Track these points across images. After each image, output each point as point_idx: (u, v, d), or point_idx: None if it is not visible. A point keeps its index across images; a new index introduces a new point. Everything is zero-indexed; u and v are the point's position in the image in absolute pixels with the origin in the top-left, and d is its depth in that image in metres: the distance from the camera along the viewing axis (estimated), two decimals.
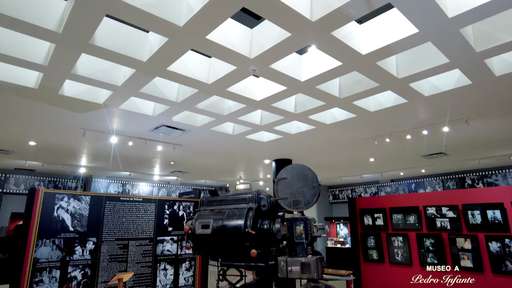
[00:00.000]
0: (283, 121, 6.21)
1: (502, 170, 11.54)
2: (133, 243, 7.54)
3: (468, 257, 6.18)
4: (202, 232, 2.39)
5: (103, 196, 7.45)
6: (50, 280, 6.38)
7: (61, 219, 6.73)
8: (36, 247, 6.33)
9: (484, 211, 6.12)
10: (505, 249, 5.81)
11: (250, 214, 2.30)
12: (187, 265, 8.34)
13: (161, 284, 7.79)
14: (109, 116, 5.95)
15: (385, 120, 6.14)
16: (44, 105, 5.36)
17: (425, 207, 6.85)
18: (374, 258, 7.48)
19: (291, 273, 2.05)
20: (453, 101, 5.19)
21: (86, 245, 6.92)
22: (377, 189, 14.96)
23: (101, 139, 7.28)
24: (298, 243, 2.13)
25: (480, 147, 8.49)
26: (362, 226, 7.80)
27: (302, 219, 2.17)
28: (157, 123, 6.30)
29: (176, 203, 8.54)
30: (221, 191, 2.69)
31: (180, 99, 5.11)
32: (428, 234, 6.74)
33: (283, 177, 2.39)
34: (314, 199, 2.24)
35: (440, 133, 6.88)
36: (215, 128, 6.62)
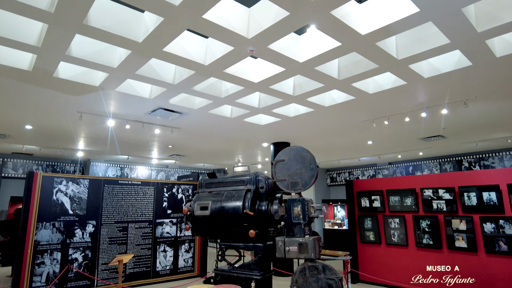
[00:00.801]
0: (281, 104, 6.17)
1: (499, 153, 11.60)
2: (132, 226, 7.62)
3: (462, 238, 6.29)
4: (201, 214, 2.40)
5: (102, 179, 7.47)
6: (52, 262, 6.48)
7: (60, 203, 6.77)
8: (36, 230, 6.39)
9: (480, 193, 6.19)
10: (499, 229, 5.90)
11: (248, 196, 2.31)
12: (187, 247, 8.47)
13: (161, 265, 7.92)
14: (106, 99, 5.89)
15: (384, 102, 6.10)
16: (39, 88, 5.29)
17: (422, 189, 6.92)
18: (371, 240, 7.60)
19: (289, 253, 2.07)
20: (453, 83, 5.15)
21: (86, 228, 6.99)
22: (375, 172, 15.06)
23: (98, 122, 7.23)
24: (295, 223, 2.14)
25: (478, 129, 8.50)
26: (360, 208, 7.89)
27: (299, 200, 2.18)
28: (154, 106, 6.25)
29: (175, 186, 8.58)
30: (219, 173, 2.69)
31: (177, 81, 5.05)
32: (425, 215, 6.84)
33: (281, 159, 2.39)
34: (312, 181, 2.24)
35: (439, 115, 6.86)
36: (212, 111, 6.58)
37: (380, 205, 7.52)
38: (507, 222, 5.82)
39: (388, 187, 7.47)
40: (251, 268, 2.19)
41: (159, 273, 7.83)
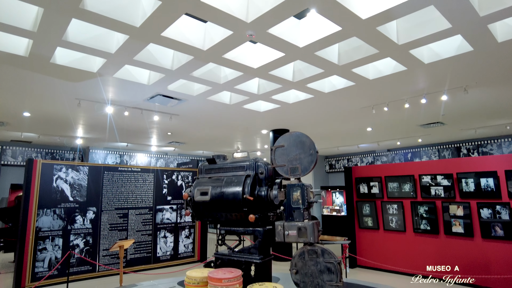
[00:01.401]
0: (281, 90, 6.13)
1: (497, 139, 11.63)
2: (132, 212, 7.69)
3: (459, 224, 6.37)
4: (201, 199, 2.41)
5: (101, 166, 7.49)
6: (54, 247, 6.55)
7: (60, 190, 6.80)
8: (37, 216, 6.45)
9: (478, 179, 6.23)
10: (495, 215, 5.97)
11: (248, 181, 2.32)
12: (187, 233, 8.56)
13: (162, 251, 8.03)
14: (104, 85, 5.84)
15: (384, 89, 6.07)
16: (37, 74, 5.24)
17: (421, 176, 6.96)
18: (369, 225, 7.69)
19: (288, 237, 2.09)
20: (453, 68, 5.11)
21: (86, 215, 7.05)
22: (374, 159, 15.11)
23: (96, 108, 7.19)
24: (295, 208, 2.15)
25: (477, 116, 8.49)
26: (358, 194, 7.96)
27: (299, 185, 2.18)
28: (152, 92, 6.21)
29: (175, 173, 8.61)
30: (219, 159, 2.69)
31: (175, 66, 5.00)
32: (423, 201, 6.90)
33: (280, 145, 2.38)
34: (311, 166, 2.24)
35: (438, 102, 6.84)
36: (211, 97, 6.54)
37: (379, 191, 7.58)
38: (503, 208, 5.88)
39: (386, 173, 7.51)
40: (250, 252, 2.22)
41: (160, 258, 7.94)
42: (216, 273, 2.02)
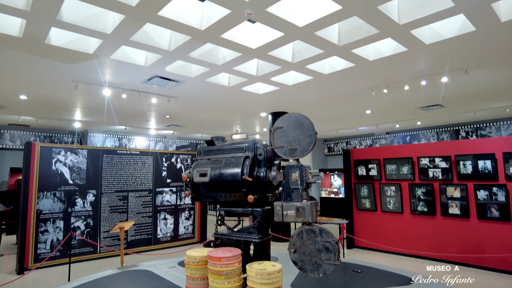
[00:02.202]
0: (280, 71, 6.06)
1: (496, 122, 11.62)
2: (132, 195, 7.74)
3: (456, 205, 6.44)
4: (200, 180, 2.42)
5: (100, 149, 7.48)
6: (55, 230, 6.63)
7: (59, 173, 6.82)
8: (38, 199, 6.49)
9: (476, 162, 6.26)
10: (492, 197, 6.04)
11: (247, 163, 2.31)
12: (187, 215, 8.66)
13: (162, 232, 8.14)
14: (101, 67, 5.76)
15: (384, 70, 6.01)
16: (32, 55, 5.15)
17: (419, 158, 6.99)
18: (367, 207, 7.78)
19: (286, 216, 2.11)
20: (454, 49, 5.04)
21: (86, 197, 7.10)
22: (372, 142, 15.14)
23: (94, 91, 7.11)
24: (293, 189, 2.16)
25: (477, 98, 8.45)
26: (356, 176, 8.01)
27: (297, 166, 2.18)
28: (150, 74, 6.13)
29: (174, 156, 8.63)
30: (218, 141, 2.68)
31: (173, 47, 4.92)
32: (420, 183, 6.96)
33: (279, 126, 2.37)
34: (310, 147, 2.24)
35: (438, 84, 6.79)
36: (209, 79, 6.47)
37: (377, 173, 7.63)
38: (500, 190, 5.94)
39: (385, 156, 7.53)
40: (249, 232, 2.24)
41: (160, 240, 8.06)
42: (216, 252, 2.05)
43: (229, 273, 1.95)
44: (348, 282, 3.09)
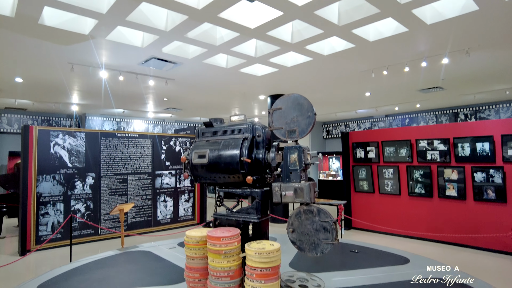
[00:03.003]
0: (279, 52, 5.97)
1: (495, 105, 11.59)
2: (132, 177, 7.77)
3: (453, 187, 6.50)
4: (199, 162, 2.41)
5: (98, 132, 7.46)
6: (55, 212, 6.68)
7: (58, 156, 6.81)
8: (37, 182, 6.51)
9: (474, 144, 6.28)
10: (489, 179, 6.09)
11: (245, 144, 2.31)
12: (186, 197, 8.73)
13: (162, 214, 8.22)
14: (97, 49, 5.66)
15: (384, 51, 5.93)
16: (26, 37, 5.04)
17: (417, 140, 7.00)
18: (365, 189, 7.85)
19: (285, 197, 2.12)
20: (456, 30, 4.96)
21: (85, 180, 7.12)
22: (371, 125, 15.13)
23: (91, 72, 7.01)
24: (292, 170, 2.16)
25: (477, 81, 8.39)
26: (354, 159, 8.04)
27: (296, 148, 2.18)
28: (147, 56, 6.04)
29: (172, 139, 8.62)
30: (216, 122, 2.66)
31: (169, 27, 4.82)
32: (418, 166, 6.99)
33: (278, 107, 2.35)
34: (309, 128, 2.23)
35: (439, 65, 6.72)
36: (207, 60, 6.38)
37: (375, 156, 7.66)
38: (497, 172, 5.98)
39: (384, 138, 7.54)
40: (248, 212, 2.26)
41: (160, 222, 8.15)
42: (215, 232, 2.07)
43: (228, 252, 1.97)
44: (345, 262, 3.15)
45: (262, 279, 1.87)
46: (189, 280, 2.15)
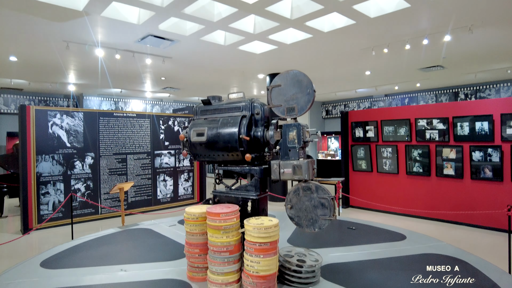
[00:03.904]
0: (278, 29, 5.84)
1: (496, 84, 11.49)
2: (131, 157, 7.79)
3: (451, 166, 6.54)
4: (198, 140, 2.41)
5: (96, 112, 7.40)
6: (56, 192, 6.73)
7: (57, 136, 6.79)
8: (36, 162, 6.51)
9: (473, 123, 6.26)
10: (486, 158, 6.11)
11: (244, 122, 2.29)
12: (186, 176, 8.78)
13: (162, 194, 8.30)
14: (92, 26, 5.53)
15: (385, 28, 5.81)
16: (18, 13, 4.91)
17: (417, 119, 6.98)
18: (363, 168, 7.90)
19: (283, 174, 2.13)
20: (460, 5, 4.84)
21: (85, 160, 7.13)
22: (371, 104, 15.06)
23: (87, 50, 6.88)
24: (290, 147, 2.16)
25: (479, 59, 8.28)
26: (353, 138, 8.04)
27: (295, 125, 2.17)
28: (143, 33, 5.91)
29: (171, 118, 8.58)
30: (214, 100, 2.64)
31: (166, 2, 4.69)
32: (417, 145, 7.00)
33: (277, 84, 2.32)
34: (308, 105, 2.21)
35: (440, 43, 6.61)
36: (205, 37, 6.25)
37: (374, 135, 7.65)
38: (495, 151, 6.00)
39: (383, 117, 7.51)
40: (247, 190, 2.28)
41: (160, 201, 8.24)
42: (214, 208, 2.09)
43: (228, 228, 2.00)
44: (343, 238, 3.21)
45: (261, 253, 1.90)
46: (189, 256, 2.18)
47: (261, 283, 1.90)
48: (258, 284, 1.90)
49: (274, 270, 1.96)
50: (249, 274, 1.93)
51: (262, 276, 1.90)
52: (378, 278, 2.20)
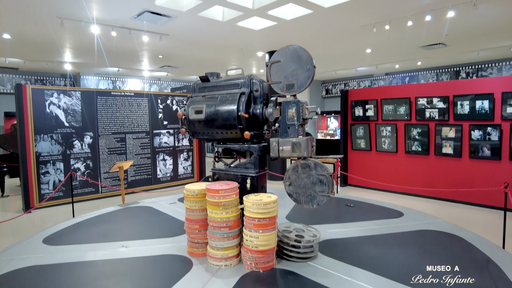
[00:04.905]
0: (278, 4, 5.69)
1: (498, 63, 11.35)
2: (130, 137, 7.77)
3: (450, 145, 6.55)
4: (196, 118, 2.39)
5: (94, 91, 7.33)
6: (56, 171, 6.76)
7: (54, 115, 6.74)
8: (35, 142, 6.50)
9: (474, 102, 6.22)
10: (485, 136, 6.11)
11: (242, 99, 2.27)
12: (185, 156, 8.81)
13: (161, 173, 8.34)
14: (87, 1, 5.38)
15: (387, 3, 5.66)
16: None
17: (417, 98, 6.93)
18: (362, 147, 7.91)
19: (282, 152, 2.12)
20: None
21: (84, 139, 7.12)
22: (371, 83, 14.92)
23: (83, 26, 6.71)
24: (290, 125, 2.14)
25: (482, 36, 8.13)
26: (353, 117, 8.01)
27: (294, 102, 2.14)
28: (139, 9, 5.76)
29: (169, 97, 8.50)
30: (212, 77, 2.60)
31: None
32: (416, 124, 6.99)
33: (276, 60, 2.27)
34: (308, 82, 2.17)
35: (443, 20, 6.47)
36: (202, 13, 6.09)
37: (374, 114, 7.62)
38: (494, 129, 5.99)
39: (383, 96, 7.46)
40: (246, 167, 2.28)
41: (160, 180, 8.29)
42: (214, 185, 2.10)
43: (227, 204, 2.01)
44: (341, 215, 3.25)
45: (259, 228, 1.92)
46: (189, 232, 2.21)
47: (260, 258, 1.94)
48: (257, 258, 1.94)
49: (273, 245, 1.99)
50: (248, 249, 1.96)
51: (261, 250, 1.93)
52: (375, 253, 2.24)
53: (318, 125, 15.67)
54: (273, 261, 2.01)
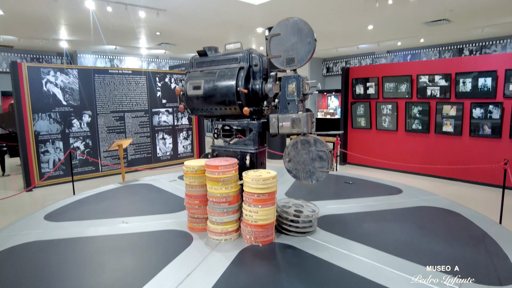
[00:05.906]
0: None
1: (503, 40, 11.12)
2: (129, 115, 7.72)
3: (450, 123, 6.52)
4: (194, 93, 2.35)
5: (91, 69, 7.22)
6: (55, 150, 6.76)
7: (52, 94, 6.67)
8: (34, 121, 6.46)
9: (476, 80, 6.14)
10: (487, 115, 6.07)
11: (241, 74, 2.22)
12: (185, 135, 8.79)
13: (161, 151, 8.35)
14: None
15: None
16: None
17: (418, 76, 6.83)
18: (362, 125, 7.88)
19: (282, 128, 2.10)
20: None
21: (82, 118, 7.07)
22: (372, 61, 14.69)
23: (76, 3, 6.53)
24: (289, 100, 2.11)
25: (488, 11, 7.91)
26: (354, 95, 7.94)
27: (294, 77, 2.10)
28: None
29: (167, 75, 8.39)
30: (210, 51, 2.54)
31: None
32: (417, 102, 6.93)
33: (276, 33, 2.21)
34: (308, 56, 2.12)
35: None
36: None
37: (375, 92, 7.54)
38: (495, 107, 5.94)
39: (384, 73, 7.35)
40: (246, 144, 2.27)
41: (160, 158, 8.32)
42: (213, 161, 2.09)
43: (226, 180, 2.01)
44: (340, 192, 3.27)
45: (259, 204, 1.93)
46: (189, 207, 2.22)
47: (260, 232, 1.96)
48: (257, 232, 1.96)
49: (272, 220, 2.00)
50: (248, 223, 1.97)
51: (260, 225, 1.95)
52: (373, 228, 2.27)
53: (319, 104, 15.56)
54: (272, 236, 2.03)
